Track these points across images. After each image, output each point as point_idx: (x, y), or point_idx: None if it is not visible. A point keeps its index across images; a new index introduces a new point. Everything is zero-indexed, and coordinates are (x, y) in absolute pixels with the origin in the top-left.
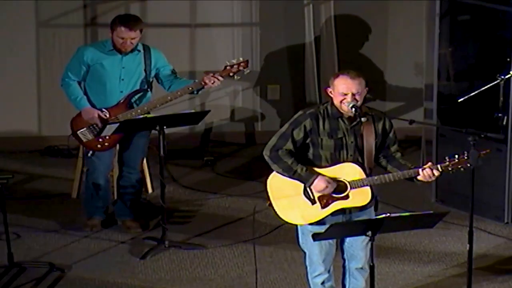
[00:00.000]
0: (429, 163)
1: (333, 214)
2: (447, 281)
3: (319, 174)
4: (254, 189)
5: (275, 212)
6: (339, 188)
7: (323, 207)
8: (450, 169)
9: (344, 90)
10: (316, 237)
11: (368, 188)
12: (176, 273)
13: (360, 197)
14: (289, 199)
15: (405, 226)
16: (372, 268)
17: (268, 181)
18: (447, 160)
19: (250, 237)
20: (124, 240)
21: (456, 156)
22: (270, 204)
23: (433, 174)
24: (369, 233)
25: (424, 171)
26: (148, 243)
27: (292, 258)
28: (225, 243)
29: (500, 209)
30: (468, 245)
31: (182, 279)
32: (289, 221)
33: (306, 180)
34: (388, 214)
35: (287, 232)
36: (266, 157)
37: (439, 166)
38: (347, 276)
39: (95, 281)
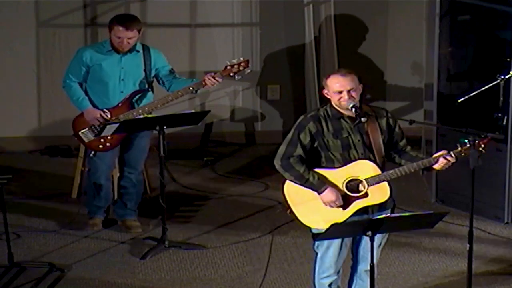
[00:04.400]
0: (443, 151)
1: (355, 214)
2: (447, 281)
3: (330, 185)
4: (254, 189)
5: (297, 218)
6: (356, 186)
7: (344, 208)
8: (463, 154)
9: (338, 88)
10: (316, 237)
11: (385, 184)
12: (176, 273)
13: (379, 193)
14: (308, 203)
15: (405, 226)
16: (372, 268)
17: (285, 188)
18: (459, 146)
19: (250, 237)
20: (124, 240)
21: (466, 141)
22: (291, 211)
23: (449, 161)
24: (369, 233)
25: (440, 161)
26: (148, 243)
27: (292, 258)
28: (225, 243)
29: (500, 209)
30: (468, 245)
31: (182, 279)
32: (312, 226)
33: (318, 188)
34: (388, 214)
35: (287, 232)
36: (277, 166)
37: (452, 153)
38: (354, 277)
39: (95, 281)
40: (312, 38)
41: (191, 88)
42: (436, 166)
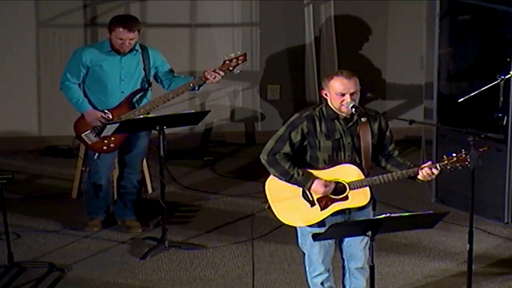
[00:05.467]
0: (429, 162)
1: (333, 214)
2: (447, 281)
3: (315, 177)
4: (254, 189)
5: (274, 215)
6: (338, 189)
7: (322, 208)
8: (448, 167)
9: (341, 90)
10: (316, 237)
11: (367, 188)
12: (176, 273)
13: (359, 197)
14: (288, 201)
15: (405, 226)
16: (372, 268)
17: (266, 184)
18: (445, 158)
19: (250, 237)
20: (124, 240)
21: (454, 154)
22: (269, 207)
23: (433, 173)
24: (369, 233)
25: (423, 170)
26: (148, 243)
27: (292, 258)
28: (225, 243)
29: (500, 209)
30: (468, 245)
31: (182, 279)
32: (289, 224)
33: (304, 185)
34: (388, 214)
35: (287, 232)
36: (263, 161)
37: (437, 165)
38: (347, 276)
39: (95, 281)
40: (312, 38)
41: (191, 85)
42: (419, 176)
